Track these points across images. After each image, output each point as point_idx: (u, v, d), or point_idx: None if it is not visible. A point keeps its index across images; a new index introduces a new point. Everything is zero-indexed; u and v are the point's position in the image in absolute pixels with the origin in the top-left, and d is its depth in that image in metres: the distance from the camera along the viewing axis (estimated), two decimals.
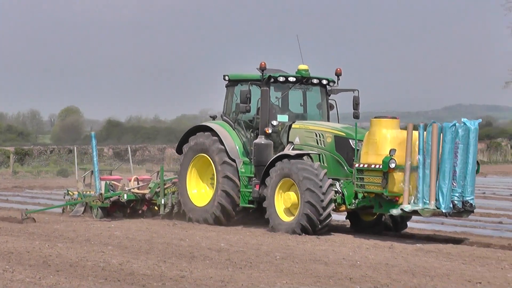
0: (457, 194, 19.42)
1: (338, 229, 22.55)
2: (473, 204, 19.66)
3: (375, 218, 22.03)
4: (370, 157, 19.92)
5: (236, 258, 17.17)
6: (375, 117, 20.29)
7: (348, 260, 17.15)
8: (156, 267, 15.72)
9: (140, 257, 16.93)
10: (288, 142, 22.34)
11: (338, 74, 23.39)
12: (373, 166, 19.73)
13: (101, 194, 23.91)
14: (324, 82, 23.19)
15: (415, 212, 19.51)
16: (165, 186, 24.30)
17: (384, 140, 19.78)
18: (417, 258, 17.62)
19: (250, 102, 22.03)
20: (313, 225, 20.41)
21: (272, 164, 21.36)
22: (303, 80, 22.86)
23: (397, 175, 19.48)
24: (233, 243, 19.52)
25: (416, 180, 19.30)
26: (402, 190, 19.36)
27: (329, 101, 23.61)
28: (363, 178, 20.00)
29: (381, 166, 19.47)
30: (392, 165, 19.31)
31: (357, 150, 20.63)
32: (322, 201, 20.22)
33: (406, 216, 21.01)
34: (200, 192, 23.66)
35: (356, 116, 23.30)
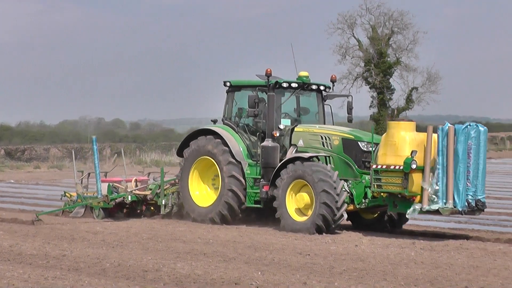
0: (471, 193, 17.23)
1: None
2: (485, 203, 17.54)
3: (376, 216, 19.57)
4: (388, 158, 17.55)
5: (109, 239, 17.01)
6: (392, 120, 18.34)
7: (202, 239, 17.19)
8: (41, 247, 15.45)
9: (28, 240, 16.60)
10: (290, 145, 19.77)
11: (333, 81, 21.12)
12: (392, 167, 17.39)
13: (107, 196, 20.95)
14: (322, 88, 20.75)
15: (435, 211, 17.24)
16: (165, 187, 21.30)
17: (403, 142, 17.45)
18: (259, 236, 17.77)
19: (258, 107, 19.56)
20: (327, 225, 17.98)
21: (284, 165, 18.93)
22: (304, 86, 20.41)
23: (416, 176, 17.19)
24: (107, 227, 19.33)
25: (433, 180, 17.13)
26: (420, 190, 17.16)
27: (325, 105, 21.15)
28: (380, 178, 17.63)
29: (401, 167, 17.16)
30: (414, 166, 17.04)
31: (374, 151, 18.30)
32: (337, 202, 17.83)
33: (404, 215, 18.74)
34: (202, 193, 20.80)
35: (350, 120, 21.39)
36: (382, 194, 17.88)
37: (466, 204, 17.15)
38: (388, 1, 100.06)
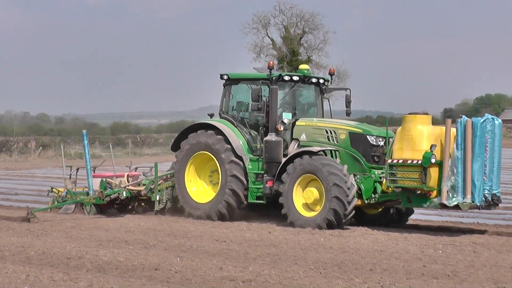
0: (487, 188, 15.89)
1: None
2: (500, 197, 16.22)
3: (381, 211, 18.07)
4: (405, 152, 16.11)
5: (34, 228, 16.73)
6: (409, 114, 16.53)
7: (124, 227, 17.05)
8: None
9: None
10: (292, 139, 18.27)
11: (331, 74, 19.66)
12: (409, 161, 16.00)
13: (101, 191, 19.03)
14: (321, 81, 19.16)
15: (455, 206, 15.83)
16: (158, 183, 19.39)
17: (421, 136, 16.03)
18: (178, 224, 17.69)
19: (261, 100, 18.00)
20: (339, 219, 16.54)
21: (290, 160, 17.45)
22: (305, 79, 18.86)
23: (434, 170, 15.84)
24: None
25: (451, 174, 15.73)
26: (437, 184, 15.87)
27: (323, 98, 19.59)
28: (395, 173, 16.22)
29: (419, 162, 15.81)
30: (433, 161, 15.70)
31: (388, 146, 16.89)
32: (348, 196, 16.47)
33: (410, 210, 17.97)
34: (198, 189, 19.06)
35: (348, 114, 19.68)
36: (395, 189, 16.55)
37: (483, 198, 15.90)
38: (300, 2, 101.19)
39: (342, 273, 11.64)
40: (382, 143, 17.41)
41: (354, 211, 16.80)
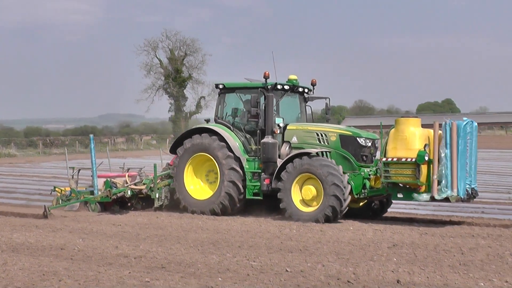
0: (468, 182, 14.92)
1: None
2: (477, 191, 15.31)
3: (363, 205, 16.68)
4: (399, 151, 14.92)
5: None
6: (402, 117, 15.40)
7: (35, 214, 16.50)
8: None
9: None
10: (283, 141, 16.66)
11: (313, 84, 18.07)
12: (403, 159, 14.84)
13: (109, 190, 17.07)
14: (306, 90, 17.80)
15: (445, 199, 14.74)
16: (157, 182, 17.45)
17: (413, 137, 14.90)
18: (80, 211, 17.31)
19: (259, 107, 16.56)
20: (335, 214, 15.24)
21: (289, 160, 15.98)
22: (294, 88, 17.37)
23: (424, 167, 14.76)
24: None
25: (441, 170, 14.61)
26: (427, 180, 14.79)
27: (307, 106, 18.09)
28: (389, 170, 15.01)
29: (414, 159, 14.70)
30: (427, 158, 14.63)
31: (383, 145, 15.42)
32: (344, 194, 15.18)
33: (388, 203, 16.94)
34: (196, 187, 17.20)
35: (327, 120, 18.15)
36: (385, 184, 15.35)
37: (466, 192, 14.91)
38: (183, 30, 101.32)
39: (216, 249, 11.63)
40: (369, 144, 16.20)
41: (347, 207, 15.58)
